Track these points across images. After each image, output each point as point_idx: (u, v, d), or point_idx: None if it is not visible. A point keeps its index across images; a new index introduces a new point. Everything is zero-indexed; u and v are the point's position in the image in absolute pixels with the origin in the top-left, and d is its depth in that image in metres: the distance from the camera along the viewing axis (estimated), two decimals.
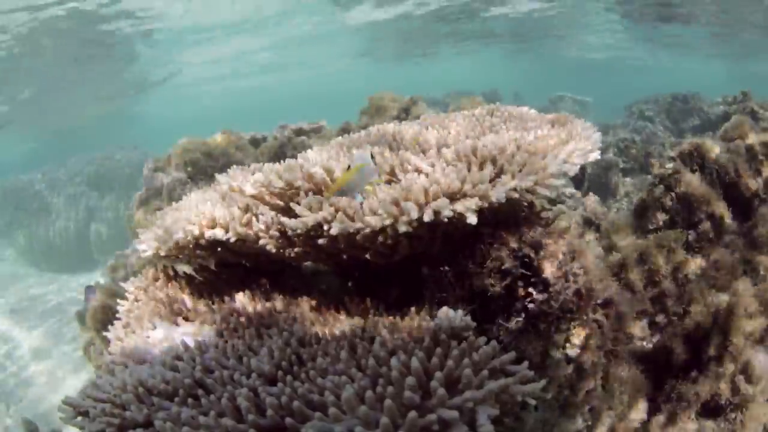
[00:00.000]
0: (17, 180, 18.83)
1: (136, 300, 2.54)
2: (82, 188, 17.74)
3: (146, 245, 2.42)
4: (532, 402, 1.58)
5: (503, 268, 2.07)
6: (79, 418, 1.81)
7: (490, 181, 1.91)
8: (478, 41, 22.75)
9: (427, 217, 1.71)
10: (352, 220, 1.79)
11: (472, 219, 1.77)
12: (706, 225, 3.75)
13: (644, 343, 3.39)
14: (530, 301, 2.12)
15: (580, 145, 2.21)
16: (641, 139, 10.96)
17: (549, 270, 2.15)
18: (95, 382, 1.97)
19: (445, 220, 1.77)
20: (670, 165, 3.97)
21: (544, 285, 2.14)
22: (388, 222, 1.72)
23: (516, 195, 1.95)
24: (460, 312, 1.84)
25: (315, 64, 27.13)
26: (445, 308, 1.88)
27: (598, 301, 2.58)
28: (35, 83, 17.77)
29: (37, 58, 14.76)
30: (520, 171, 1.99)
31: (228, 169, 2.70)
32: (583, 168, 6.45)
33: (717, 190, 3.86)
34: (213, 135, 6.60)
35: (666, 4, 16.17)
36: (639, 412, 3.10)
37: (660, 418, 3.20)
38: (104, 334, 2.56)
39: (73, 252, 17.04)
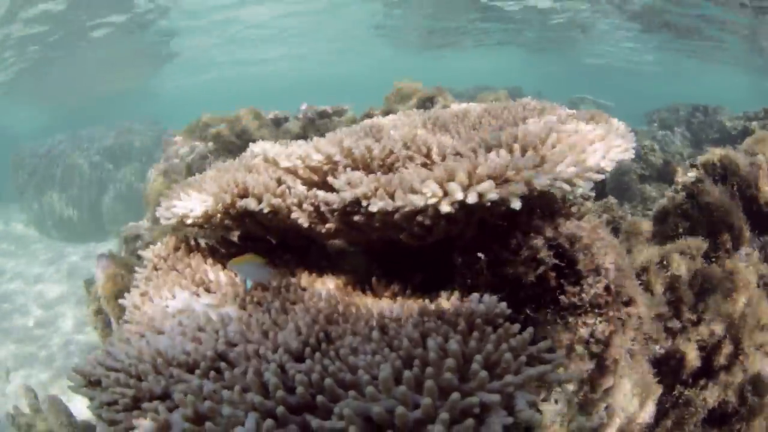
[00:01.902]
0: (31, 147, 18.80)
1: (155, 268, 2.48)
2: (96, 158, 17.71)
3: (170, 213, 2.36)
4: (570, 389, 1.58)
5: (538, 257, 2.03)
6: (89, 388, 1.74)
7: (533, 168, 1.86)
8: (501, 36, 22.62)
9: (471, 199, 1.65)
10: (393, 198, 1.73)
11: (516, 204, 1.71)
12: (725, 236, 3.73)
13: (657, 347, 3.36)
14: (561, 293, 2.09)
15: (617, 142, 2.18)
16: (660, 147, 10.84)
17: (582, 262, 2.11)
18: (108, 350, 1.90)
19: (488, 204, 1.71)
20: (693, 173, 3.94)
21: (577, 277, 2.11)
22: (431, 201, 1.66)
23: (558, 184, 1.91)
24: (494, 298, 1.80)
25: (335, 51, 27.05)
26: (478, 294, 1.85)
27: (624, 299, 2.55)
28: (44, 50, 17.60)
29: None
30: (562, 161, 1.95)
31: (256, 142, 2.65)
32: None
33: (737, 202, 3.83)
34: (234, 111, 6.54)
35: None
36: (647, 415, 3.08)
37: (667, 423, 3.19)
38: (119, 301, 2.50)
39: (85, 222, 17.07)
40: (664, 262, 3.48)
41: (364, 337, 1.70)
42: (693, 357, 3.21)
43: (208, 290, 2.24)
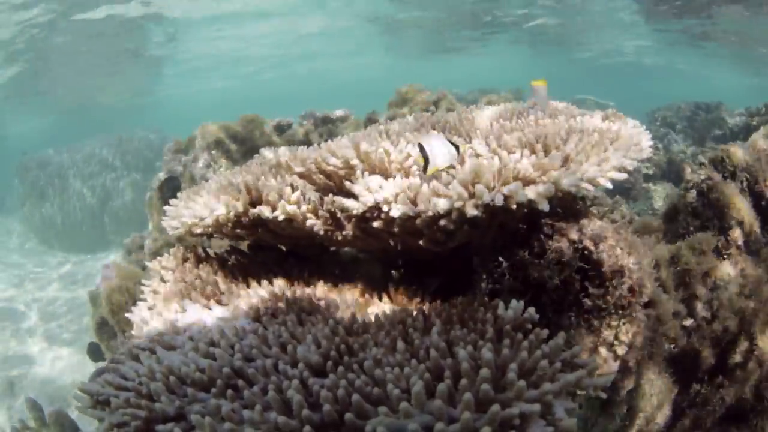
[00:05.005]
0: (33, 158, 18.72)
1: (163, 280, 2.39)
2: (99, 168, 17.63)
3: (177, 222, 2.28)
4: (604, 395, 1.52)
5: (563, 260, 1.97)
6: (98, 408, 1.63)
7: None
8: (502, 40, 22.58)
9: (498, 201, 1.57)
10: (415, 202, 1.65)
11: (545, 206, 1.63)
12: (736, 232, 3.70)
13: (672, 347, 3.35)
14: (585, 296, 2.04)
15: (635, 140, 2.15)
16: (663, 145, 10.80)
17: (607, 264, 2.06)
18: (117, 368, 1.80)
19: (513, 206, 1.63)
20: (702, 170, 3.91)
21: (601, 279, 2.05)
22: (457, 204, 1.58)
23: (584, 185, 1.85)
24: (521, 303, 1.74)
25: (337, 57, 26.99)
26: (504, 299, 1.78)
27: (645, 299, 2.51)
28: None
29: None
30: (586, 161, 1.89)
31: (262, 150, 2.58)
32: None
33: (747, 198, 3.81)
34: (237, 119, 6.48)
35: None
36: (664, 415, 3.05)
37: (685, 422, 3.16)
38: (126, 315, 2.41)
39: (87, 232, 16.97)
40: (676, 259, 3.46)
41: (387, 348, 1.62)
42: (708, 355, 3.19)
43: (219, 302, 2.16)
